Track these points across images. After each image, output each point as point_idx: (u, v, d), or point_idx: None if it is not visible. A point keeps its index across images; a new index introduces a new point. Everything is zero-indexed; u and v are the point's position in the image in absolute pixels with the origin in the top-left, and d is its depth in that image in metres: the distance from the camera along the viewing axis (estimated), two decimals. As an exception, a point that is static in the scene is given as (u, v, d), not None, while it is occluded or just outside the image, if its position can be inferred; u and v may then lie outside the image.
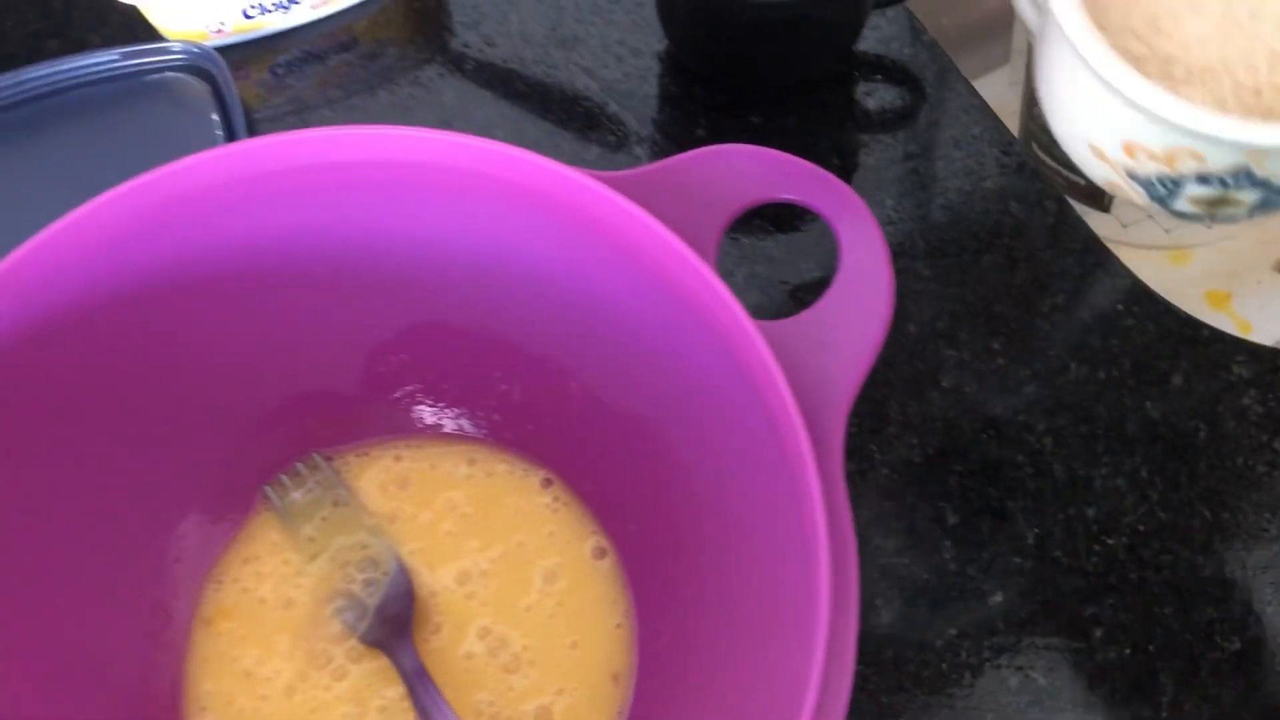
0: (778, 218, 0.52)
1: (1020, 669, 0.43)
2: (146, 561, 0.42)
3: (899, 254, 0.50)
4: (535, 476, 0.45)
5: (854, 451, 0.45)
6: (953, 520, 0.45)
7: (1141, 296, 0.49)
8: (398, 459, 0.45)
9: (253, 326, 0.41)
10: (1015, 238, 0.51)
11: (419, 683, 0.40)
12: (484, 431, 0.46)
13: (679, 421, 0.40)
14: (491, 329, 0.43)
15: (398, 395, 0.45)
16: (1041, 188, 0.52)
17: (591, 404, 0.43)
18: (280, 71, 0.55)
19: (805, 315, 0.37)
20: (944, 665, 0.43)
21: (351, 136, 0.36)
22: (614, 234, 0.36)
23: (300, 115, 0.54)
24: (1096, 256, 0.51)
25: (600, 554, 0.44)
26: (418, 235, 0.40)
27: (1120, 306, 0.49)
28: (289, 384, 0.44)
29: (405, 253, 0.40)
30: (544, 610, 0.43)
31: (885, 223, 0.51)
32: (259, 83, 0.55)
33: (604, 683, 0.42)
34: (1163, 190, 0.46)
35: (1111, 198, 0.61)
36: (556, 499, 0.45)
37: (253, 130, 0.53)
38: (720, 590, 0.39)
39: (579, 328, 0.41)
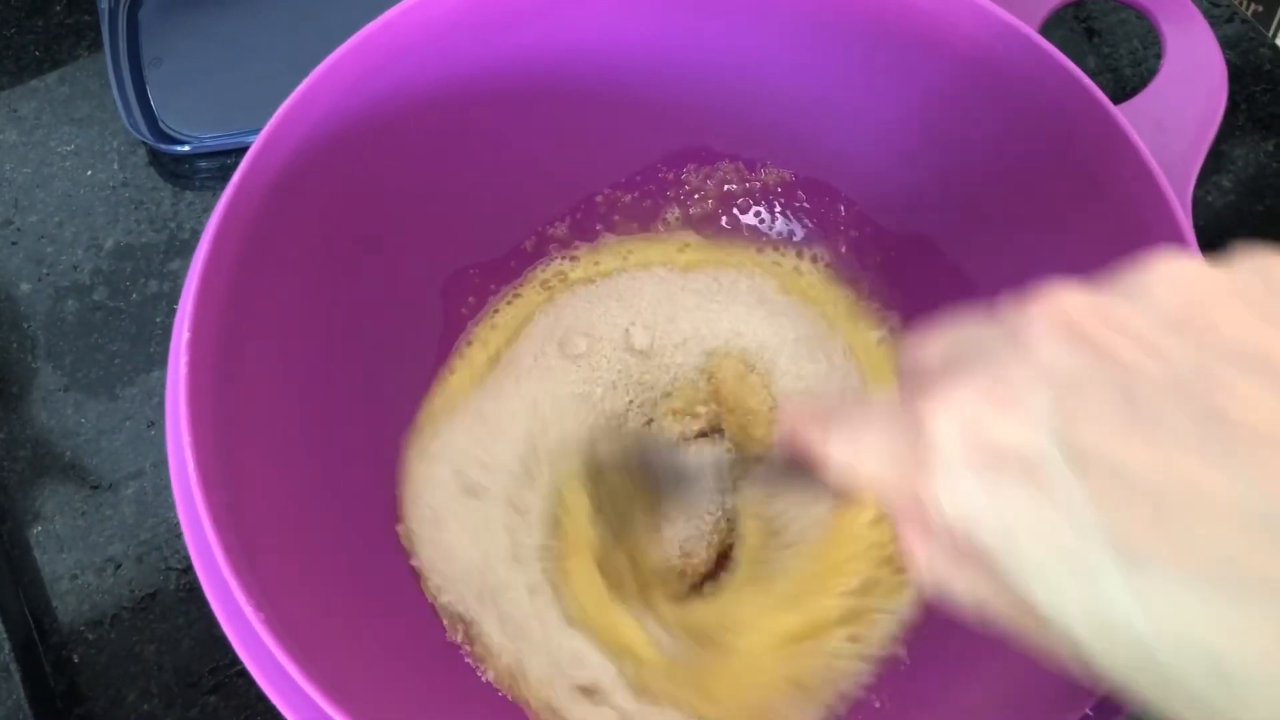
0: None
1: None
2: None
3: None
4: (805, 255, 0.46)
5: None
6: None
7: None
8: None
9: (551, 135, 0.43)
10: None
11: None
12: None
13: (966, 238, 0.42)
14: (758, 153, 0.45)
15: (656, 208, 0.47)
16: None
17: (861, 222, 0.45)
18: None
19: (1137, 100, 0.39)
20: None
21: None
22: (936, 28, 0.37)
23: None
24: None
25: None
26: (700, 55, 0.41)
27: None
28: (573, 188, 0.46)
29: (689, 72, 0.42)
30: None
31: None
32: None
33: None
34: None
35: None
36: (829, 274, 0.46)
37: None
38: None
39: (854, 145, 0.43)
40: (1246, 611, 0.18)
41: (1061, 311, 0.21)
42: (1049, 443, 0.20)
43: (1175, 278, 0.20)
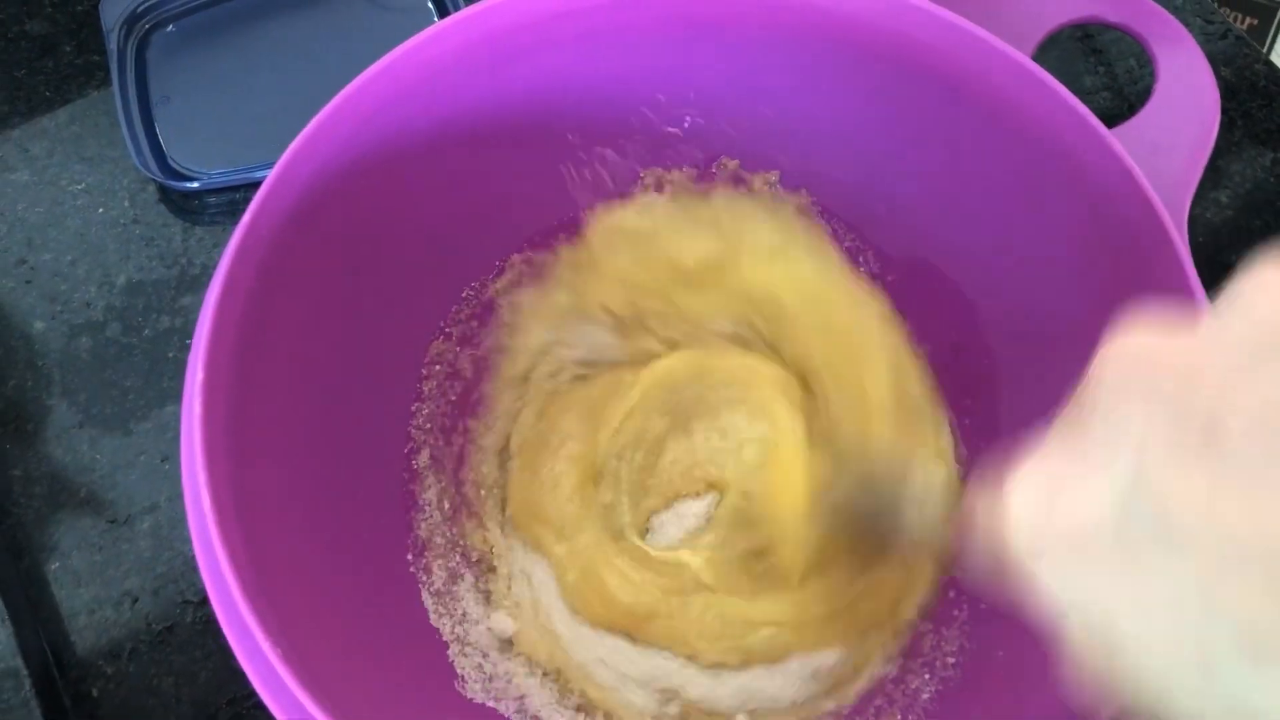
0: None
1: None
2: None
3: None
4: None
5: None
6: None
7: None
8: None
9: (557, 165, 0.44)
10: None
11: None
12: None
13: (967, 261, 0.42)
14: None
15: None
16: None
17: (864, 247, 0.46)
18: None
19: (1132, 123, 0.41)
20: None
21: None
22: (932, 57, 0.37)
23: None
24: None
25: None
26: (700, 87, 0.42)
27: None
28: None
29: (690, 105, 0.43)
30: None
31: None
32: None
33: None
34: None
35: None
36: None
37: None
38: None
39: (854, 173, 0.43)
40: None
41: (1130, 358, 0.18)
42: (1133, 512, 0.17)
43: (1264, 292, 0.17)
